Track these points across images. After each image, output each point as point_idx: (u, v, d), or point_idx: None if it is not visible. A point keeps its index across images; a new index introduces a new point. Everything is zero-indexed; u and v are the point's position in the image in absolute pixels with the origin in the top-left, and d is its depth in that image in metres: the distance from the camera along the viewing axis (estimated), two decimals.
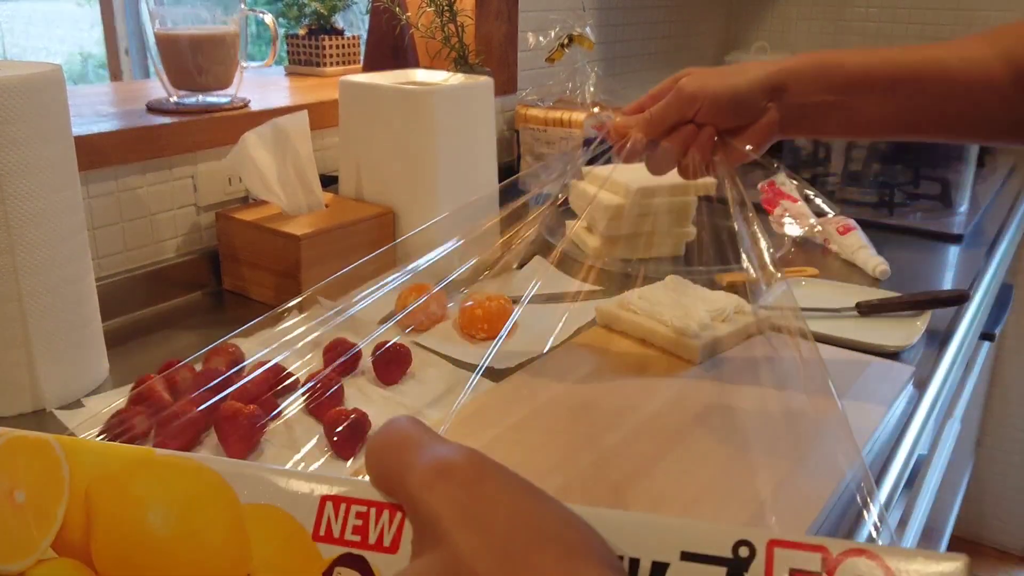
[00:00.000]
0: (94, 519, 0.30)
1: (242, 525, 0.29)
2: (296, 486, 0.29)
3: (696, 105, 0.66)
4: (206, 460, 0.30)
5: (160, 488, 0.30)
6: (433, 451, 0.28)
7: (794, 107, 0.67)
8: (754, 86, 0.66)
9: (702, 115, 0.67)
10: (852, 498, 0.60)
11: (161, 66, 1.00)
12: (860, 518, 0.58)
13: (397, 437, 0.29)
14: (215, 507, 0.29)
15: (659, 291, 0.85)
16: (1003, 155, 1.69)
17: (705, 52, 2.09)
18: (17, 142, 0.63)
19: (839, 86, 0.65)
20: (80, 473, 0.31)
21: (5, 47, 2.10)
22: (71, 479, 0.30)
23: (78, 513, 0.30)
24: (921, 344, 0.84)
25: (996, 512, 2.15)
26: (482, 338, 0.83)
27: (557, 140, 1.31)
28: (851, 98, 0.65)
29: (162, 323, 0.88)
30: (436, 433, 0.29)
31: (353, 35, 1.35)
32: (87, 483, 0.30)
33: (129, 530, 0.29)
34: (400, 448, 0.28)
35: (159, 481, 0.30)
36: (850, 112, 0.66)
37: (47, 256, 0.67)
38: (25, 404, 0.69)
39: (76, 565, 0.30)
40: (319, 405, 0.68)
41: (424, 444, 0.28)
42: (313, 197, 0.97)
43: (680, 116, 0.68)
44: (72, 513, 0.30)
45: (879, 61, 0.65)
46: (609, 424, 0.65)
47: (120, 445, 0.32)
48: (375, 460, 0.29)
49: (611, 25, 1.67)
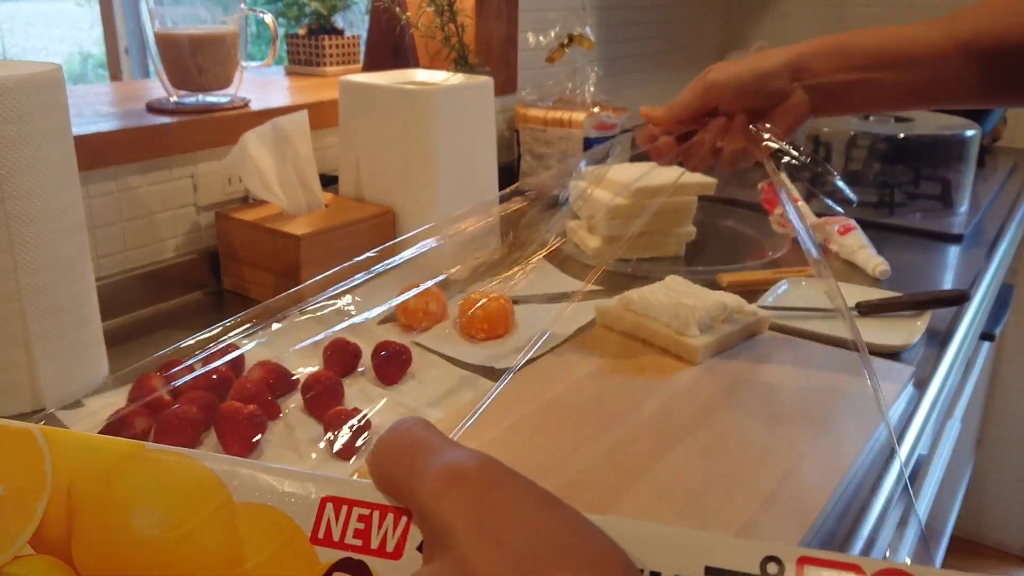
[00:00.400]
0: (76, 517, 0.28)
1: (236, 526, 0.28)
2: (295, 486, 0.28)
3: (720, 91, 0.67)
4: (199, 456, 0.29)
5: (149, 485, 0.28)
6: (445, 456, 0.26)
7: (819, 87, 0.68)
8: (776, 67, 0.67)
9: (728, 101, 0.68)
10: (853, 496, 0.60)
11: (161, 66, 1.00)
12: (863, 514, 0.58)
13: (406, 440, 0.28)
14: (207, 507, 0.28)
15: (659, 291, 0.85)
16: (1003, 155, 1.69)
17: (705, 52, 2.09)
18: (17, 142, 0.63)
19: (858, 64, 0.67)
20: (64, 467, 0.29)
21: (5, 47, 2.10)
22: (54, 473, 0.29)
23: (60, 509, 0.29)
24: (921, 344, 0.84)
25: (996, 512, 2.15)
26: (482, 338, 0.83)
27: (557, 140, 1.31)
28: (870, 74, 0.67)
29: (162, 323, 0.88)
30: (447, 437, 0.28)
31: (353, 35, 1.35)
32: (71, 478, 0.29)
33: (114, 530, 0.28)
34: (409, 452, 0.27)
35: (148, 478, 0.29)
36: (875, 86, 0.68)
37: (47, 256, 0.67)
38: (25, 404, 0.69)
39: (55, 562, 0.28)
40: (319, 405, 0.68)
41: (435, 448, 0.27)
42: (313, 197, 0.97)
43: (704, 105, 0.68)
44: (53, 509, 0.29)
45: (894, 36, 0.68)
46: (609, 424, 0.65)
47: (108, 438, 0.30)
48: (382, 463, 0.28)
49: (611, 25, 1.67)
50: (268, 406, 0.67)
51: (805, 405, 0.67)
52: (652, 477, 0.58)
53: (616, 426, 0.65)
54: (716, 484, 0.58)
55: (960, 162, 1.31)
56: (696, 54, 2.04)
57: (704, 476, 0.58)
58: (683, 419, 0.66)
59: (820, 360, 0.78)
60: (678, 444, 0.62)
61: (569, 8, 1.47)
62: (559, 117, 1.30)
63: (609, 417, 0.66)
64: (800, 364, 0.76)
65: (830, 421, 0.66)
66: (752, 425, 0.66)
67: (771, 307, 0.88)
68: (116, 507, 0.28)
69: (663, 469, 0.59)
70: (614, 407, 0.68)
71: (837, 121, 1.41)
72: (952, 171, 1.31)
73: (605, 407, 0.68)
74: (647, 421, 0.66)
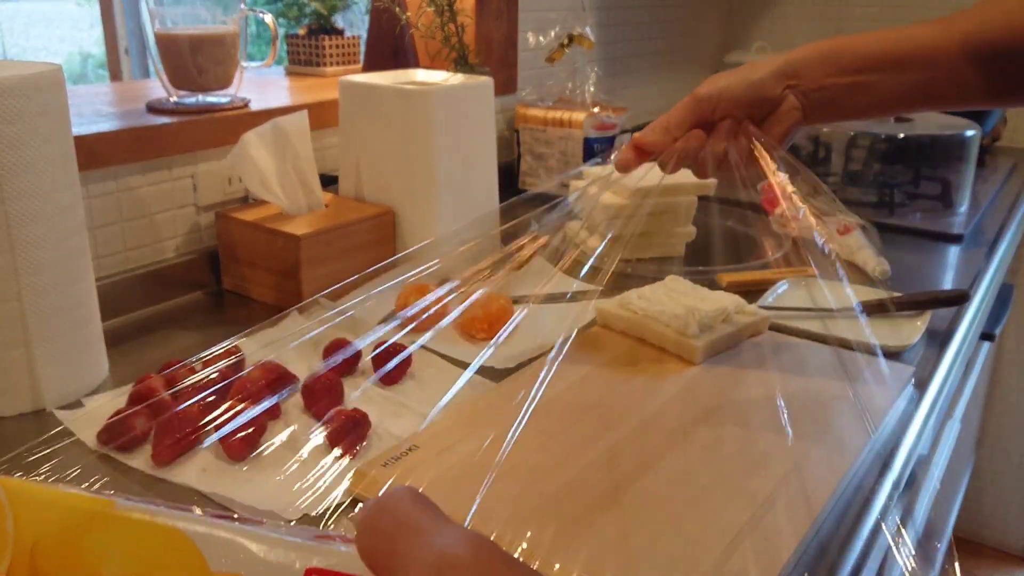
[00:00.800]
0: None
1: None
2: (278, 555, 0.26)
3: (711, 103, 0.67)
4: (174, 517, 0.27)
5: (119, 550, 0.26)
6: (435, 541, 0.24)
7: (812, 92, 0.68)
8: (766, 76, 0.67)
9: (720, 111, 0.68)
10: (853, 496, 0.60)
11: (161, 66, 1.00)
12: (862, 516, 0.58)
13: (393, 519, 0.25)
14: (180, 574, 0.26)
15: (659, 291, 0.85)
16: (1003, 155, 1.69)
17: (705, 52, 2.09)
18: (17, 142, 0.63)
19: (851, 67, 0.67)
20: (27, 525, 0.27)
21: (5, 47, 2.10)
22: (16, 532, 0.27)
23: (22, 571, 0.27)
24: (921, 344, 0.84)
25: (996, 512, 2.15)
26: (482, 338, 0.83)
27: (557, 140, 1.31)
28: (863, 77, 0.67)
29: (162, 323, 0.88)
30: (439, 513, 0.26)
31: (353, 35, 1.35)
32: (34, 538, 0.27)
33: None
34: (397, 534, 0.25)
35: (118, 542, 0.27)
36: (868, 90, 0.67)
37: (47, 256, 0.67)
38: (25, 404, 0.69)
39: None
40: (319, 405, 0.68)
41: (424, 531, 0.25)
42: (313, 197, 0.97)
43: (697, 117, 0.68)
44: (17, 569, 0.27)
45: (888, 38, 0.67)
46: (609, 424, 0.65)
47: (75, 493, 0.28)
48: (368, 542, 0.25)
49: (611, 25, 1.67)
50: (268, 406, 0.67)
51: (805, 405, 0.67)
52: (652, 477, 0.58)
53: (616, 426, 0.65)
54: (716, 484, 0.58)
55: (960, 162, 1.31)
56: (696, 54, 2.04)
57: (704, 476, 0.58)
58: (683, 419, 0.66)
59: (820, 360, 0.78)
60: (678, 444, 0.62)
61: (569, 8, 1.47)
62: (559, 117, 1.30)
63: (609, 417, 0.66)
64: (800, 364, 0.76)
65: (830, 421, 0.66)
66: (752, 425, 0.66)
67: (771, 307, 0.88)
68: (84, 565, 0.27)
69: (663, 469, 0.59)
70: (614, 407, 0.68)
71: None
72: (952, 171, 1.31)
73: (605, 407, 0.68)
74: (647, 421, 0.66)
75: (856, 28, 1.99)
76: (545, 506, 0.54)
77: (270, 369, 0.71)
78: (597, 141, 1.30)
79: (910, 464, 0.67)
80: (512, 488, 0.56)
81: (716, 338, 0.77)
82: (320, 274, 0.90)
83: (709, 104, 0.68)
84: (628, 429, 0.64)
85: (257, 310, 0.91)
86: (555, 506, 0.54)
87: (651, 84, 1.86)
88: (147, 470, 0.61)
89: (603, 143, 1.30)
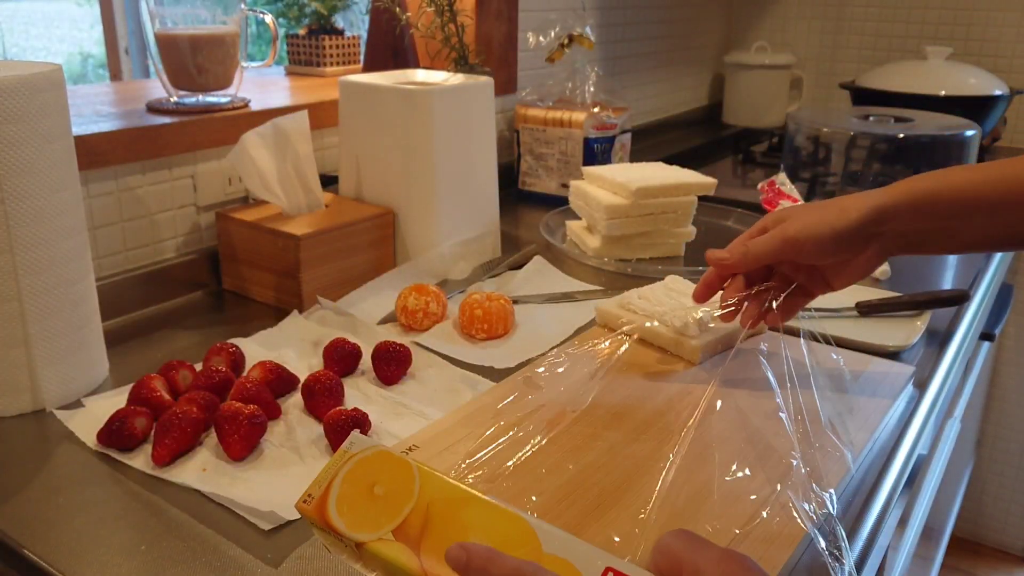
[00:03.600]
0: (429, 526, 0.39)
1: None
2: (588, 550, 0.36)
3: (798, 247, 0.66)
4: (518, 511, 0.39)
5: (482, 520, 0.38)
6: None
7: (897, 236, 0.66)
8: (853, 226, 0.64)
9: (804, 256, 0.66)
10: (854, 495, 0.60)
11: (161, 66, 1.00)
12: (863, 514, 0.58)
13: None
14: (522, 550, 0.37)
15: (659, 291, 0.85)
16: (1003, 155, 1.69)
17: (705, 52, 2.09)
18: (17, 142, 0.63)
19: (942, 214, 0.64)
20: (427, 490, 0.40)
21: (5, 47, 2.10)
22: (419, 492, 0.40)
23: (419, 516, 0.39)
24: (921, 344, 0.84)
25: (996, 512, 2.15)
26: (482, 338, 0.83)
27: (557, 140, 1.31)
28: (953, 223, 0.64)
29: (162, 323, 0.88)
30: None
31: (353, 35, 1.35)
32: (430, 499, 0.39)
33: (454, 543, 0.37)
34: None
35: (482, 515, 0.39)
36: (953, 234, 0.65)
37: (47, 256, 0.67)
38: (25, 404, 0.69)
39: (406, 550, 0.38)
40: (319, 405, 0.68)
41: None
42: (313, 197, 0.97)
43: (780, 257, 0.67)
44: (414, 514, 0.39)
45: (981, 180, 0.63)
46: (609, 424, 0.65)
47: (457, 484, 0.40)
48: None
49: (611, 25, 1.67)
50: (268, 406, 0.67)
51: (805, 405, 0.67)
52: (652, 477, 0.58)
53: (616, 426, 0.65)
54: (716, 484, 0.58)
55: (960, 162, 1.31)
56: (696, 54, 2.05)
57: (704, 476, 0.58)
58: (682, 419, 0.66)
59: (820, 360, 0.78)
60: (678, 444, 0.62)
61: (569, 8, 1.47)
62: (559, 117, 1.30)
63: (609, 417, 0.66)
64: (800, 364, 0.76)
65: (830, 421, 0.66)
66: (751, 425, 0.66)
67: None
68: (458, 528, 0.38)
69: (662, 470, 0.59)
70: (614, 407, 0.68)
71: (837, 121, 1.41)
72: None
73: (605, 407, 0.68)
74: (647, 421, 0.66)
75: (856, 28, 1.99)
76: (544, 506, 0.54)
77: (270, 369, 0.71)
78: (597, 141, 1.30)
79: (910, 464, 0.67)
80: (512, 488, 0.56)
81: (716, 338, 0.77)
82: (320, 274, 0.90)
83: (797, 248, 0.66)
84: (628, 429, 0.64)
85: (257, 310, 0.91)
86: (554, 506, 0.54)
87: (651, 84, 1.86)
88: (147, 470, 0.61)
89: (603, 143, 1.31)
